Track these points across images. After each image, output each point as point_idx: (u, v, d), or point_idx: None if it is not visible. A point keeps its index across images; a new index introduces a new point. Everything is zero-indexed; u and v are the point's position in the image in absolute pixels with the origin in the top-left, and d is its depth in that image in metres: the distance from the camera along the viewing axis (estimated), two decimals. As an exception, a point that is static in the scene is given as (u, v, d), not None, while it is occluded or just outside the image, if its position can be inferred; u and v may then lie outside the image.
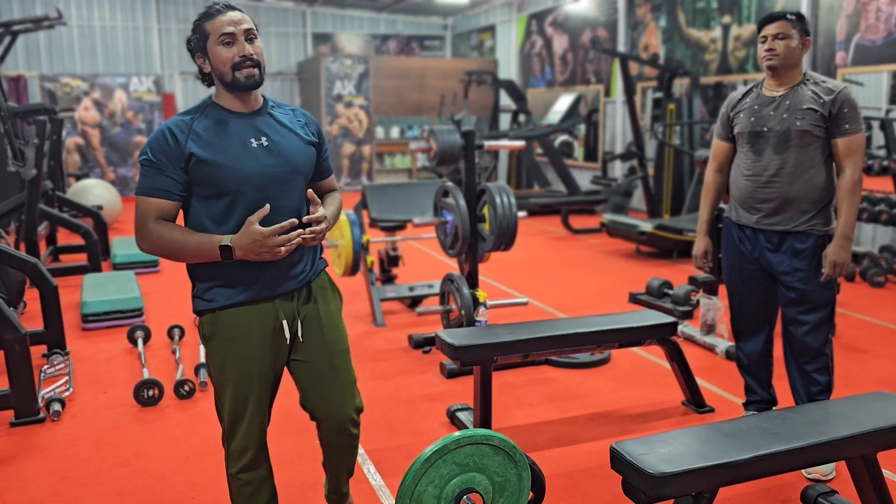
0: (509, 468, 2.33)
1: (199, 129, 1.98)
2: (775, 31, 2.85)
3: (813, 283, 2.90)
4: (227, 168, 1.96)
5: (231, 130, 2.01)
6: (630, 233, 7.15)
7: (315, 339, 2.17)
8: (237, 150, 1.99)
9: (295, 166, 2.07)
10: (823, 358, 2.98)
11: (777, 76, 2.91)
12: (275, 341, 2.10)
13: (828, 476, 2.87)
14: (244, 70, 1.97)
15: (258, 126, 2.04)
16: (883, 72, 6.76)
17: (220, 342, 2.07)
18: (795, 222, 2.89)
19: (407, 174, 13.71)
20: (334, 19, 14.37)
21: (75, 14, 12.36)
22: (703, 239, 3.24)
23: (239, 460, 2.14)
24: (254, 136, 2.02)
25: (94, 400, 3.74)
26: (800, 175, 2.85)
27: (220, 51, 1.97)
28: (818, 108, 2.80)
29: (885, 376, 3.98)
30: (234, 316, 2.05)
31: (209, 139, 1.98)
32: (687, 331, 4.63)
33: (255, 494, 2.18)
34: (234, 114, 2.04)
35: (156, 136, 1.97)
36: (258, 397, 2.11)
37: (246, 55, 1.96)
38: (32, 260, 4.10)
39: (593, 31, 10.95)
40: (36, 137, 5.68)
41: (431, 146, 4.39)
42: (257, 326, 2.06)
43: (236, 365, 2.07)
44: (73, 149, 11.59)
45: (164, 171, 1.96)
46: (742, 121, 2.98)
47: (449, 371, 3.99)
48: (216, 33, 1.97)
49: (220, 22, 1.96)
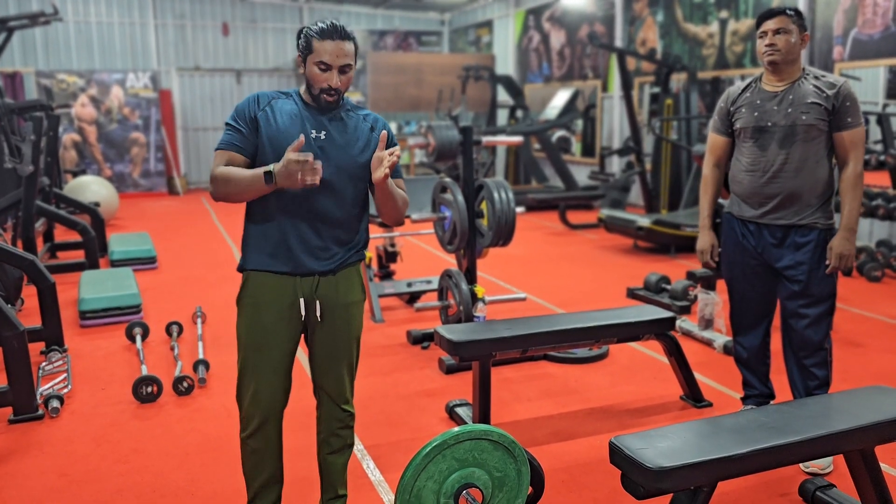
0: (508, 463, 2.34)
1: (276, 107, 2.26)
2: (775, 27, 2.85)
3: (815, 277, 2.91)
4: (279, 149, 2.18)
5: (302, 118, 2.25)
6: (628, 228, 7.16)
7: (331, 324, 2.33)
8: (295, 133, 2.20)
9: (340, 165, 2.24)
10: (823, 352, 2.98)
11: (777, 71, 2.91)
12: (289, 315, 2.28)
13: (825, 470, 2.88)
14: (326, 96, 2.22)
15: (324, 123, 2.26)
16: (880, 66, 6.77)
17: (244, 306, 2.30)
18: (799, 216, 2.90)
19: (404, 170, 13.70)
20: (331, 15, 14.34)
21: (71, 10, 12.32)
22: (708, 234, 3.22)
23: (246, 427, 2.33)
24: (316, 129, 2.25)
25: (93, 397, 3.74)
26: (804, 169, 2.87)
27: (314, 71, 2.19)
28: (822, 102, 2.81)
29: (883, 370, 4.00)
30: (259, 281, 2.27)
31: (276, 121, 2.23)
32: (685, 326, 4.63)
33: (259, 464, 2.36)
34: (310, 107, 2.27)
35: (243, 101, 2.28)
36: (265, 367, 2.28)
37: (332, 86, 2.19)
38: (30, 257, 4.09)
39: (590, 26, 10.94)
40: (33, 134, 5.67)
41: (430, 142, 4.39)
42: (275, 298, 2.26)
43: (250, 328, 2.28)
44: (69, 145, 11.57)
45: (238, 128, 2.24)
46: (744, 116, 2.97)
47: (447, 367, 4.00)
48: (317, 55, 2.17)
49: (325, 48, 2.16)
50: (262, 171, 2.12)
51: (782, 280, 3.00)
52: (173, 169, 12.46)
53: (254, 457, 2.35)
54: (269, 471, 2.38)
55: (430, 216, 4.49)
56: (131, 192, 11.95)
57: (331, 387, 2.40)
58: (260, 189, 2.14)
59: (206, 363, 3.98)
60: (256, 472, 2.37)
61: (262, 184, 2.12)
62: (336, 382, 2.40)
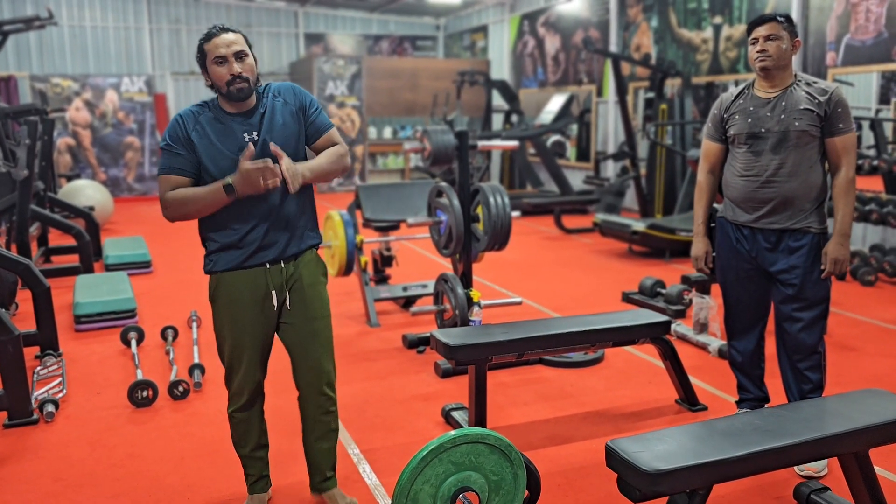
0: (505, 467, 2.34)
1: (205, 122, 2.37)
2: (766, 33, 2.87)
3: (809, 281, 2.93)
4: (219, 167, 2.33)
5: (228, 128, 2.37)
6: (622, 232, 7.18)
7: (299, 306, 2.49)
8: (230, 149, 2.34)
9: (286, 153, 2.34)
10: (816, 356, 3.00)
11: (769, 77, 2.93)
12: (264, 307, 2.45)
13: (820, 473, 2.89)
14: (235, 85, 2.31)
15: (252, 123, 2.39)
16: (872, 72, 6.81)
17: (221, 305, 2.46)
18: (793, 220, 2.92)
19: (400, 174, 13.71)
20: (326, 19, 14.36)
21: (66, 14, 12.31)
22: (702, 240, 3.24)
23: (235, 403, 2.55)
24: (247, 132, 2.37)
25: (88, 401, 3.73)
26: (797, 174, 2.89)
27: (215, 69, 2.31)
28: (814, 108, 2.84)
29: (877, 374, 4.02)
30: (231, 281, 2.42)
31: (209, 132, 2.35)
32: (680, 329, 4.65)
33: (248, 432, 2.60)
34: (231, 115, 2.39)
35: (170, 124, 2.37)
36: (250, 354, 2.48)
37: (235, 74, 2.30)
38: (25, 261, 4.08)
39: (585, 31, 10.98)
40: (27, 138, 5.66)
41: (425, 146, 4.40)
42: (250, 293, 2.42)
43: (233, 326, 2.45)
44: (64, 149, 11.55)
45: (176, 152, 2.35)
46: (738, 122, 2.99)
47: (443, 371, 4.00)
48: (211, 54, 2.31)
49: (215, 44, 2.31)
50: (219, 185, 2.27)
51: (776, 284, 3.02)
52: (168, 173, 12.43)
53: (240, 426, 2.59)
54: (255, 437, 2.62)
55: (425, 220, 4.49)
56: (126, 197, 11.93)
57: (310, 369, 2.54)
58: (221, 202, 2.30)
59: (202, 367, 3.97)
60: (244, 440, 2.61)
61: (223, 196, 2.27)
62: (315, 364, 2.54)
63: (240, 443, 2.63)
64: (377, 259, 5.73)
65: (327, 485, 2.68)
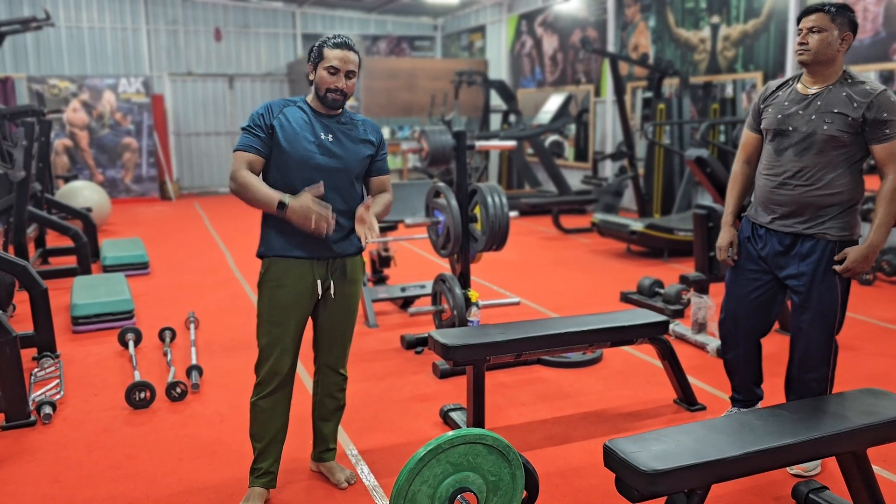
0: (503, 467, 2.34)
1: (288, 114, 2.59)
2: (811, 24, 2.68)
3: (817, 290, 2.80)
4: (293, 151, 2.55)
5: (311, 123, 2.60)
6: (621, 232, 7.18)
7: (340, 297, 2.71)
8: (307, 138, 2.57)
9: (347, 163, 2.62)
10: (824, 368, 2.88)
11: (811, 72, 2.75)
12: (307, 296, 2.64)
13: (811, 472, 2.88)
14: (333, 95, 2.56)
15: (332, 126, 2.63)
16: (870, 71, 6.82)
17: (267, 287, 2.63)
18: (808, 224, 2.79)
19: (398, 175, 13.71)
20: (324, 20, 14.35)
21: (63, 15, 12.29)
22: (729, 230, 3.08)
23: (261, 390, 2.65)
24: (324, 132, 2.61)
25: (86, 403, 3.72)
26: (818, 181, 2.74)
27: (324, 75, 2.55)
28: (850, 112, 2.66)
29: (875, 373, 4.02)
30: (281, 267, 2.60)
31: (291, 124, 2.57)
32: (678, 329, 4.65)
33: (268, 422, 2.68)
34: (318, 114, 2.63)
35: (258, 109, 2.60)
36: (286, 339, 2.63)
37: (339, 87, 2.55)
38: (22, 262, 4.07)
39: (583, 31, 10.98)
40: (24, 139, 5.65)
41: (423, 147, 4.39)
42: (296, 280, 2.61)
43: (275, 309, 2.61)
44: (61, 150, 11.53)
45: (256, 134, 2.56)
46: (769, 116, 2.86)
47: (441, 371, 4.00)
48: (326, 61, 2.54)
49: (334, 55, 2.53)
50: (276, 198, 2.47)
51: (789, 291, 2.91)
52: (165, 174, 12.43)
53: (262, 416, 2.67)
54: (275, 430, 2.70)
55: (423, 221, 4.49)
56: (123, 198, 11.91)
57: (333, 356, 2.78)
58: (270, 208, 2.50)
59: (200, 369, 3.97)
60: (263, 432, 2.68)
61: (273, 207, 2.48)
62: (338, 352, 2.78)
63: (258, 434, 2.69)
64: (375, 259, 5.73)
65: (329, 455, 2.91)
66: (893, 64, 6.62)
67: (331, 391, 2.83)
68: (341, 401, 2.87)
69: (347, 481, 2.85)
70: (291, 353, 2.66)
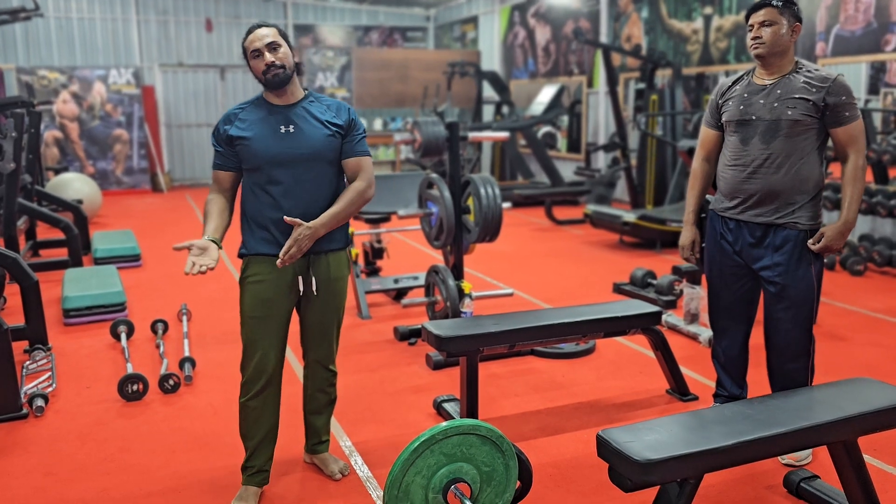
0: (496, 458, 2.35)
1: (244, 116, 2.56)
2: (761, 19, 2.77)
3: (793, 279, 2.83)
4: (255, 148, 2.51)
5: (268, 119, 2.54)
6: (613, 223, 7.19)
7: (323, 295, 2.66)
8: (266, 134, 2.52)
9: (316, 150, 2.54)
10: (804, 358, 2.91)
11: (766, 65, 2.82)
12: (289, 293, 2.61)
13: (802, 461, 2.89)
14: (270, 73, 2.49)
15: (290, 116, 2.56)
16: (862, 62, 6.83)
17: (248, 285, 2.60)
18: (779, 214, 2.82)
19: (390, 166, 13.68)
20: (315, 11, 14.28)
21: (52, 6, 12.18)
22: (690, 229, 3.17)
23: (249, 391, 2.62)
24: (283, 124, 2.53)
25: (78, 395, 3.71)
26: (787, 166, 2.78)
27: (254, 64, 2.52)
28: (810, 97, 2.72)
29: (865, 363, 4.04)
30: (260, 264, 2.57)
31: (249, 124, 2.54)
32: (671, 320, 4.66)
33: (258, 421, 2.65)
34: (274, 106, 2.57)
35: (217, 123, 2.59)
36: (270, 336, 2.59)
37: (268, 63, 2.48)
38: (12, 255, 4.05)
39: (576, 22, 10.96)
40: (14, 131, 5.61)
41: (416, 138, 4.38)
42: (276, 277, 2.57)
43: (255, 303, 2.58)
44: (51, 142, 11.45)
45: (218, 150, 2.60)
46: (730, 109, 2.91)
47: (435, 362, 4.00)
48: (249, 51, 2.52)
49: (251, 41, 2.51)
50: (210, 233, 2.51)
51: (762, 283, 2.94)
52: (157, 166, 12.36)
53: (253, 415, 2.63)
54: (266, 429, 2.67)
55: (416, 212, 4.48)
56: (114, 190, 11.85)
57: (321, 353, 2.75)
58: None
59: (192, 361, 3.96)
60: (253, 431, 2.65)
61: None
62: (326, 349, 2.75)
63: (248, 434, 2.66)
64: (368, 251, 5.72)
65: (322, 447, 2.90)
66: (885, 55, 6.63)
67: (321, 386, 2.81)
68: (332, 395, 2.86)
69: (341, 472, 2.85)
70: (276, 349, 2.62)
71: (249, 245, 2.59)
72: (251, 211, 2.59)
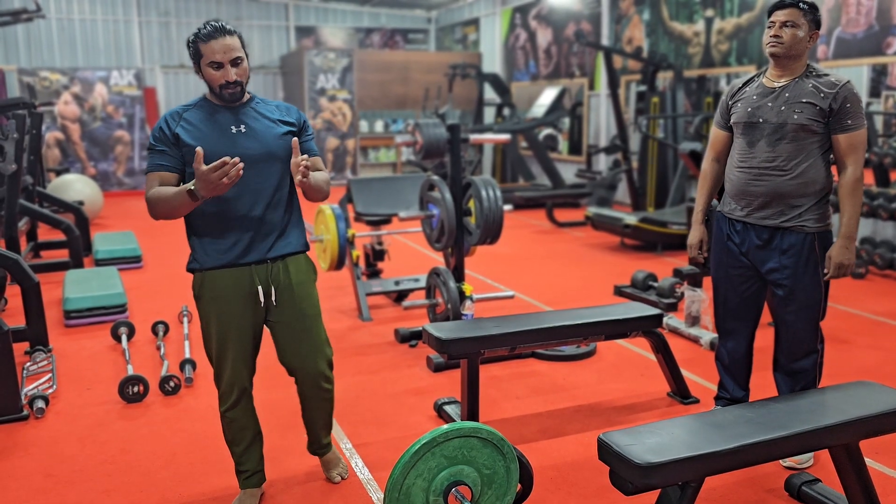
0: (497, 460, 2.34)
1: (189, 118, 2.40)
2: (784, 19, 2.73)
3: (801, 282, 2.83)
4: (208, 148, 2.30)
5: (217, 119, 2.41)
6: (614, 226, 7.18)
7: (289, 304, 2.52)
8: (218, 135, 2.38)
9: (269, 149, 2.42)
10: (814, 355, 2.92)
11: (779, 65, 2.80)
12: (250, 303, 2.47)
13: (803, 464, 2.89)
14: (228, 90, 2.36)
15: (240, 116, 2.43)
16: (863, 65, 6.83)
17: (206, 301, 2.47)
18: (785, 216, 2.82)
19: (391, 168, 13.68)
20: (317, 12, 14.29)
21: (54, 7, 12.20)
22: (699, 228, 3.15)
23: (226, 401, 2.55)
24: (234, 124, 2.41)
25: (79, 397, 3.70)
26: (792, 169, 2.77)
27: (209, 72, 2.35)
28: (818, 102, 2.71)
29: (867, 366, 4.04)
30: (216, 278, 2.44)
31: (196, 126, 2.38)
32: (672, 323, 4.66)
33: (242, 430, 2.60)
34: (221, 107, 2.44)
35: (156, 125, 2.41)
36: (238, 350, 2.49)
37: (230, 80, 2.34)
38: (13, 256, 4.05)
39: (577, 24, 10.97)
40: (15, 132, 5.61)
41: (417, 140, 4.38)
42: (235, 289, 2.44)
43: (218, 322, 2.46)
44: (52, 143, 11.46)
45: (160, 150, 2.37)
46: (739, 110, 2.90)
47: (436, 365, 4.00)
48: (207, 58, 2.32)
49: (211, 49, 2.30)
50: (184, 189, 2.26)
51: (770, 285, 2.94)
52: (158, 167, 12.36)
53: (234, 425, 2.59)
54: (251, 434, 2.63)
55: (417, 214, 4.48)
56: (115, 191, 11.86)
57: (304, 367, 2.60)
58: (189, 205, 2.29)
59: (193, 362, 3.96)
60: (239, 437, 2.61)
61: (188, 200, 2.27)
62: (309, 362, 2.59)
63: (234, 441, 2.63)
64: (369, 253, 5.72)
65: (324, 450, 2.85)
66: (887, 58, 6.63)
67: (316, 402, 2.69)
68: (329, 404, 2.73)
69: (340, 475, 2.84)
70: (246, 361, 2.52)
71: (201, 259, 2.44)
72: (200, 221, 2.43)
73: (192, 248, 2.49)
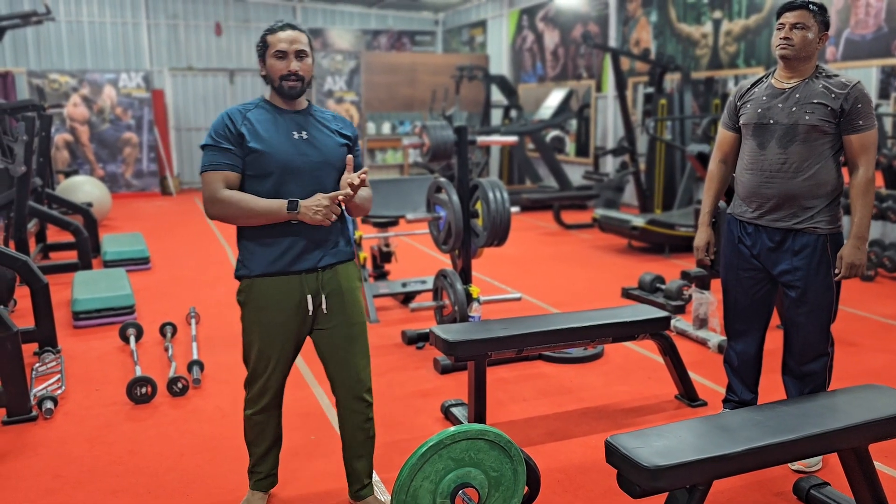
0: (504, 463, 2.34)
1: (252, 118, 2.38)
2: (794, 20, 2.72)
3: (813, 284, 2.82)
4: (271, 153, 2.34)
5: (279, 123, 2.40)
6: (622, 228, 7.17)
7: (338, 311, 2.49)
8: (281, 139, 2.37)
9: (328, 158, 2.43)
10: (824, 358, 2.91)
11: (789, 67, 2.79)
12: (298, 313, 2.44)
13: (812, 468, 2.87)
14: (289, 82, 2.36)
15: (301, 122, 2.43)
16: (872, 67, 6.80)
17: (251, 309, 2.45)
18: (797, 219, 2.80)
19: (399, 170, 13.69)
20: (325, 14, 14.33)
21: (63, 9, 12.27)
22: (705, 230, 3.13)
23: (254, 406, 2.54)
24: (296, 130, 2.40)
25: (87, 398, 3.72)
26: (804, 171, 2.76)
27: (273, 62, 2.36)
28: (829, 102, 2.70)
29: (876, 369, 4.02)
30: (265, 286, 2.41)
31: (259, 127, 2.36)
32: (680, 325, 4.64)
33: (264, 432, 2.58)
34: (282, 110, 2.43)
35: (216, 121, 2.37)
36: (278, 360, 2.48)
37: (292, 71, 2.35)
38: (23, 257, 4.07)
39: (584, 26, 10.96)
40: (25, 134, 5.64)
41: (424, 142, 4.39)
42: (283, 298, 2.41)
43: (262, 331, 2.44)
44: (61, 145, 11.52)
45: (225, 147, 2.34)
46: (748, 111, 2.88)
47: (443, 367, 4.00)
48: (273, 47, 2.36)
49: (278, 38, 2.35)
50: (283, 208, 2.29)
51: (782, 287, 2.92)
52: (166, 169, 12.42)
53: (257, 428, 2.57)
54: (271, 438, 2.61)
55: (424, 216, 4.49)
56: (124, 193, 11.91)
57: (348, 376, 2.52)
58: (278, 218, 2.32)
59: (201, 364, 3.97)
60: (261, 439, 2.59)
61: (283, 214, 2.31)
62: (353, 370, 2.53)
63: (255, 442, 2.61)
64: (376, 255, 5.72)
65: (365, 492, 2.64)
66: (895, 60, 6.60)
67: (357, 423, 2.57)
68: (370, 432, 2.60)
69: None
70: (282, 372, 2.51)
71: (251, 266, 2.41)
72: (253, 233, 2.41)
73: (242, 253, 2.46)
